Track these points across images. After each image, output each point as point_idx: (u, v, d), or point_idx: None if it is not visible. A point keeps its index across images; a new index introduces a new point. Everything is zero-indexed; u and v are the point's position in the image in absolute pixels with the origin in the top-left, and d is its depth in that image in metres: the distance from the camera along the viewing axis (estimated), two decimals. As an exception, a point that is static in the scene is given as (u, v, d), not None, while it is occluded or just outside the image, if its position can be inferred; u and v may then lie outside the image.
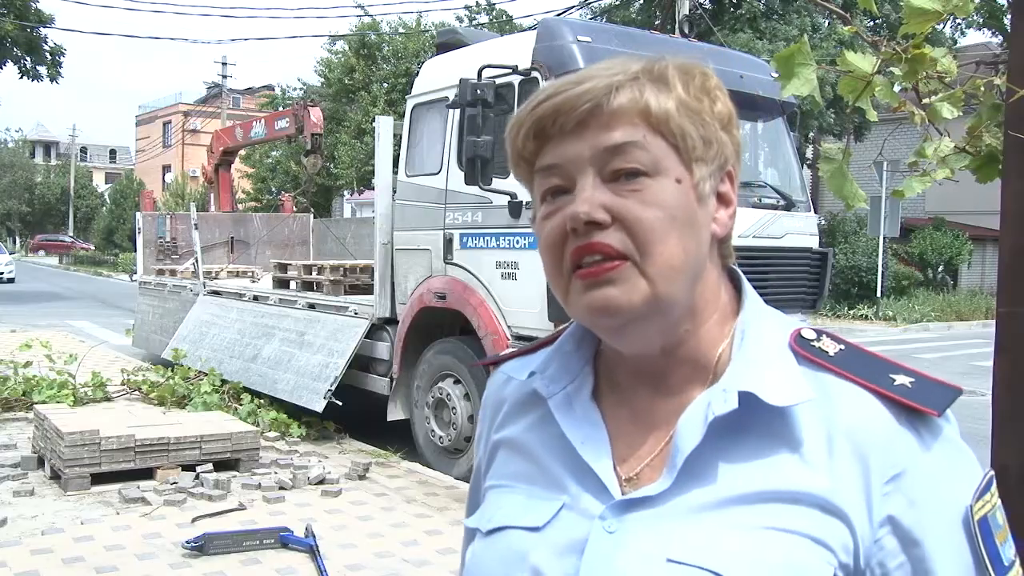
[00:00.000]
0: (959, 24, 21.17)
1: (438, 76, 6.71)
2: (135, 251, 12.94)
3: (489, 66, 5.79)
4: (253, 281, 10.10)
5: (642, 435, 0.85)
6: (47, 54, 21.66)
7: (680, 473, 0.79)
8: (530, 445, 0.90)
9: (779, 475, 0.77)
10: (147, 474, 5.44)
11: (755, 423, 0.79)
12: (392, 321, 6.97)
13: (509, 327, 5.86)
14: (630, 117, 0.79)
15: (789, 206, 6.45)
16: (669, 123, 0.79)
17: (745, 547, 0.75)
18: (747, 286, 0.89)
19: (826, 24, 19.27)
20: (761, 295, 0.95)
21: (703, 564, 0.75)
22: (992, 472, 0.82)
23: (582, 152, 0.79)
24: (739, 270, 0.90)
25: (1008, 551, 0.80)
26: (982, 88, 1.58)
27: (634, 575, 0.77)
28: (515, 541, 0.84)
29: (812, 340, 0.84)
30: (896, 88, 1.52)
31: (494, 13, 23.75)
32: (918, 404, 0.78)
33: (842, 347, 0.84)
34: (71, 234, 57.24)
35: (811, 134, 20.13)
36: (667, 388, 0.85)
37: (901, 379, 0.80)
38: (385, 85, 24.82)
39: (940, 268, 23.44)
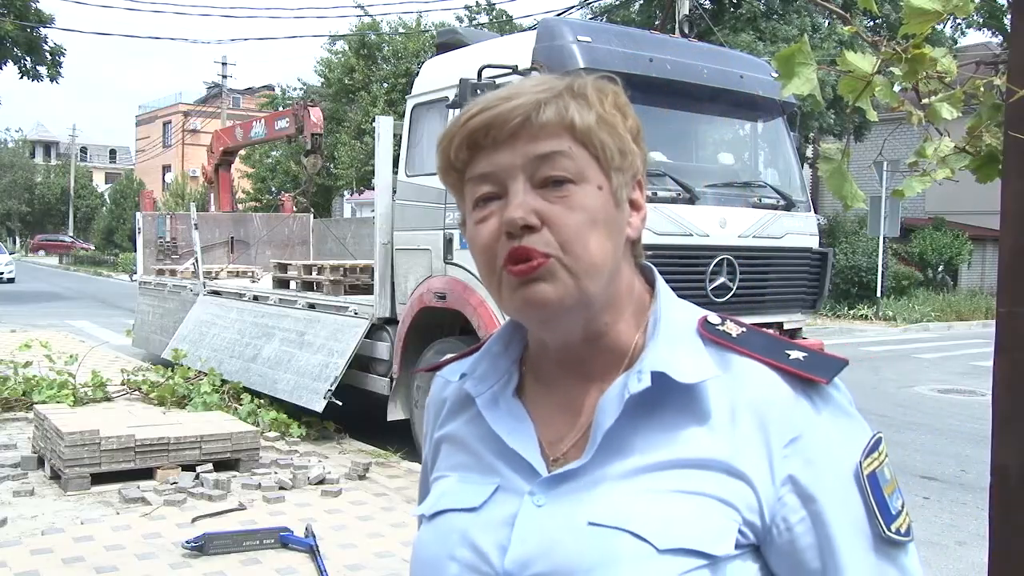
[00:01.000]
0: (959, 24, 21.18)
1: (438, 76, 6.72)
2: (135, 251, 12.94)
3: (489, 66, 5.79)
4: (253, 281, 10.10)
5: (567, 420, 0.94)
6: (47, 54, 21.67)
7: (599, 448, 0.88)
8: (467, 439, 0.99)
9: (688, 445, 0.86)
10: (147, 474, 5.45)
11: (667, 400, 0.88)
12: (392, 321, 6.97)
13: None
14: (557, 129, 0.87)
15: (789, 206, 6.46)
16: (591, 136, 0.88)
17: (657, 509, 0.84)
18: (659, 280, 0.98)
19: (826, 24, 19.27)
20: (761, 295, 0.99)
21: (620, 525, 0.83)
22: (880, 434, 0.91)
23: (514, 160, 0.87)
24: (652, 265, 0.99)
25: (896, 502, 0.89)
26: (982, 88, 1.58)
27: (559, 539, 0.85)
28: (455, 521, 0.93)
29: (717, 324, 0.94)
30: (896, 88, 1.52)
31: (494, 13, 23.75)
32: (809, 374, 0.88)
33: (744, 329, 0.94)
34: (71, 234, 57.25)
35: (811, 134, 20.13)
36: (589, 375, 0.94)
37: (796, 354, 0.90)
38: (385, 85, 24.81)
39: (940, 268, 23.44)
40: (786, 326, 6.47)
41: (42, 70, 21.76)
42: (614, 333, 0.93)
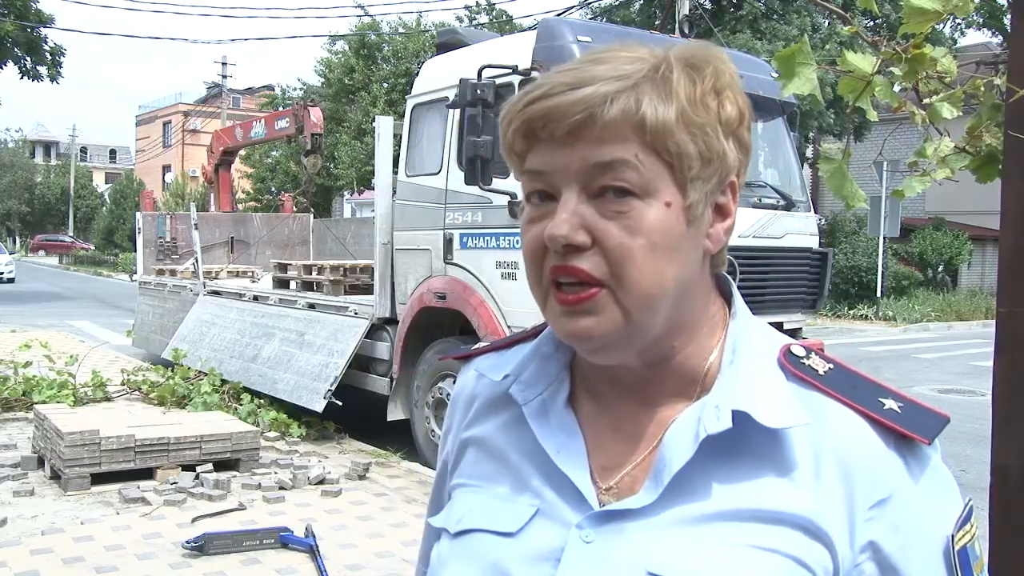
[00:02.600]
0: (959, 24, 21.18)
1: (438, 76, 6.71)
2: (135, 251, 12.94)
3: (489, 66, 5.78)
4: (253, 281, 10.10)
5: (623, 445, 0.83)
6: (47, 54, 21.65)
7: (665, 488, 0.77)
8: (502, 447, 0.88)
9: (765, 494, 0.76)
10: (147, 474, 5.44)
11: (744, 441, 0.77)
12: (392, 321, 6.97)
13: (509, 327, 5.86)
14: (624, 131, 0.74)
15: (789, 206, 6.46)
16: (665, 138, 0.75)
17: (727, 564, 0.74)
18: (737, 295, 0.86)
19: (826, 24, 19.27)
20: (761, 295, 0.94)
21: None
22: (972, 502, 0.82)
23: (570, 164, 0.76)
24: (728, 276, 0.88)
25: None
26: (982, 88, 1.58)
27: None
28: (486, 545, 0.82)
29: (802, 357, 0.83)
30: (896, 88, 1.52)
31: (494, 13, 23.75)
32: (909, 431, 0.78)
33: (831, 366, 0.83)
34: (71, 234, 57.25)
35: (811, 134, 20.13)
36: (650, 399, 0.83)
37: (890, 403, 0.80)
38: (385, 85, 24.83)
39: (940, 268, 23.45)
40: (786, 326, 6.47)
41: (42, 70, 21.75)
42: (683, 356, 0.82)
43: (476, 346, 1.00)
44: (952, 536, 0.78)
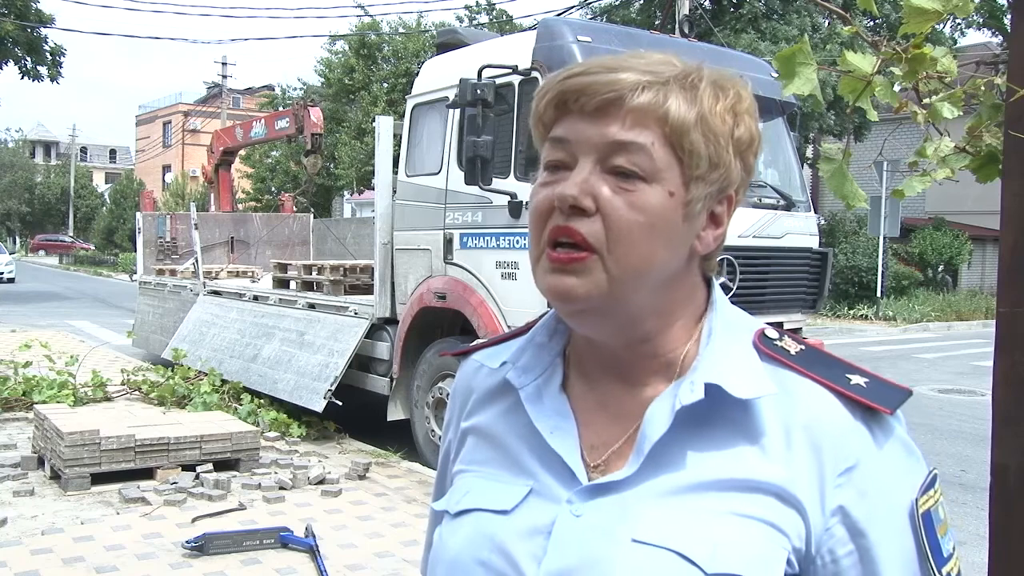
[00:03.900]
0: (959, 24, 21.19)
1: (438, 76, 6.72)
2: (135, 251, 12.95)
3: (489, 66, 5.79)
4: (253, 281, 10.10)
5: (610, 424, 0.89)
6: (47, 54, 21.70)
7: (646, 460, 0.83)
8: (499, 433, 0.93)
9: (740, 464, 0.82)
10: (147, 474, 5.45)
11: (719, 415, 0.83)
12: (392, 321, 6.98)
13: (509, 327, 5.86)
14: (647, 119, 0.81)
15: (789, 206, 6.45)
16: (682, 135, 0.81)
17: (707, 530, 0.79)
18: (716, 288, 0.93)
19: (826, 24, 19.27)
20: (761, 295, 0.97)
21: (667, 544, 0.79)
22: (936, 471, 0.88)
23: (591, 136, 0.82)
24: (712, 277, 0.94)
25: (948, 544, 0.86)
26: (982, 88, 1.58)
27: (600, 555, 0.80)
28: (483, 523, 0.88)
29: (775, 339, 0.89)
30: (896, 88, 1.52)
31: (494, 13, 23.76)
32: (873, 402, 0.83)
33: (802, 347, 0.89)
34: (71, 234, 57.25)
35: (811, 134, 20.13)
36: (634, 381, 0.89)
37: (857, 379, 0.86)
38: (385, 85, 24.85)
39: (940, 268, 23.45)
40: (786, 326, 6.47)
41: (42, 70, 21.78)
42: (660, 340, 0.87)
43: (475, 343, 1.06)
44: (916, 500, 0.83)
